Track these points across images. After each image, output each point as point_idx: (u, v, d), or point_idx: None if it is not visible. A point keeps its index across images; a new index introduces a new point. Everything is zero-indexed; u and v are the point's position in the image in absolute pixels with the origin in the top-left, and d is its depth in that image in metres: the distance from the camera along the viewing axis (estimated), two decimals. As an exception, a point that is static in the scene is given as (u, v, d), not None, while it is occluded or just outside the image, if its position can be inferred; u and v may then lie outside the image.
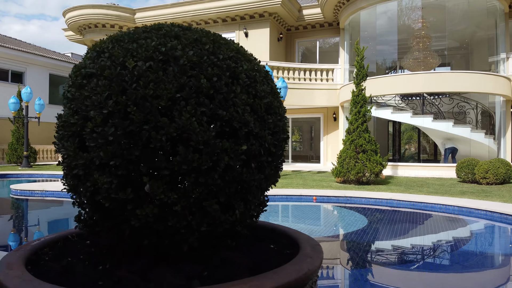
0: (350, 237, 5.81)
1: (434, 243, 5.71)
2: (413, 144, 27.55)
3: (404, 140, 26.40)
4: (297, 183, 10.84)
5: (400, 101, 16.49)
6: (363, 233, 5.92)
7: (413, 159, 22.70)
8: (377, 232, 6.09)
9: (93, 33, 20.11)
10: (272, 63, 16.57)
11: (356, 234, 5.88)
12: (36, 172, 15.27)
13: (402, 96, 16.61)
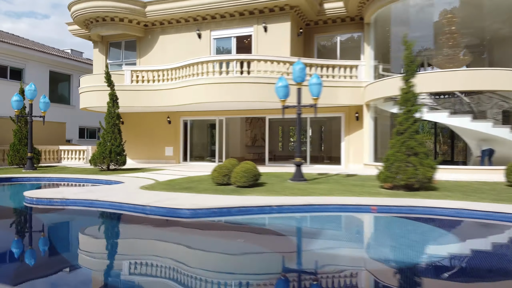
0: (471, 266, 4.84)
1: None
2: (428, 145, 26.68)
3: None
4: (338, 189, 9.87)
5: (432, 100, 15.61)
6: (478, 259, 4.95)
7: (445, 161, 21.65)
8: (497, 257, 5.13)
9: (100, 27, 18.97)
10: (290, 58, 15.59)
11: (471, 260, 4.92)
12: (43, 175, 14.13)
13: (431, 95, 15.74)
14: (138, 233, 6.61)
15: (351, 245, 5.44)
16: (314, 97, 11.39)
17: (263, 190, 9.52)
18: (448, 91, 14.24)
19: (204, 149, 21.87)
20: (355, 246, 5.28)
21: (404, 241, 5.93)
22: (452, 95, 14.74)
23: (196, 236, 6.34)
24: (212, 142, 21.25)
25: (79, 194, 8.68)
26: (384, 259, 4.88)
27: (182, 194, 8.72)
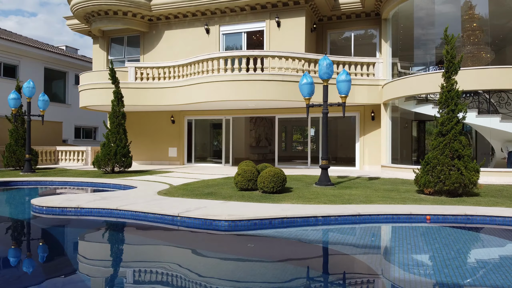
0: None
1: None
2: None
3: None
4: (375, 196, 9.12)
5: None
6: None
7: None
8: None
9: (102, 21, 17.96)
10: (308, 55, 14.81)
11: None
12: (43, 179, 13.14)
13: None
14: (173, 251, 5.73)
15: (440, 267, 4.63)
16: (342, 95, 10.61)
17: (294, 196, 8.72)
18: (475, 90, 13.53)
19: (210, 150, 20.97)
20: (448, 271, 4.45)
21: (496, 261, 5.17)
22: (476, 94, 14.07)
23: (240, 254, 5.50)
24: (218, 143, 20.37)
25: (95, 202, 7.77)
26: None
27: (209, 202, 7.86)
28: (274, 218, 6.40)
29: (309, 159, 17.80)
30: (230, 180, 12.03)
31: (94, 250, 5.78)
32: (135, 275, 4.50)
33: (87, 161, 19.58)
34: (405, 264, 4.84)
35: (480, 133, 14.77)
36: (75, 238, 6.57)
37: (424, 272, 4.49)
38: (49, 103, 15.76)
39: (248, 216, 6.33)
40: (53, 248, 5.83)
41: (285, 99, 14.62)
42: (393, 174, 14.01)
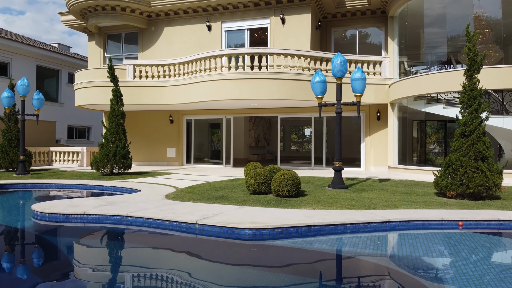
0: None
1: None
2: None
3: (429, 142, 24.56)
4: (395, 199, 8.70)
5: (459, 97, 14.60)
6: None
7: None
8: None
9: (99, 17, 17.32)
10: (314, 52, 14.39)
11: None
12: (39, 181, 12.50)
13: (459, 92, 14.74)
14: (195, 264, 5.20)
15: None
16: (357, 94, 10.18)
17: (312, 200, 8.25)
18: (496, 89, 13.17)
19: (209, 151, 20.43)
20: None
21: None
22: (486, 94, 13.74)
23: (270, 268, 5.01)
24: (217, 143, 19.84)
25: (101, 208, 7.22)
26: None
27: (225, 207, 7.36)
28: (301, 226, 5.93)
29: (313, 160, 17.37)
30: (237, 183, 11.54)
31: (107, 263, 5.25)
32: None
33: (82, 162, 18.91)
34: (472, 280, 4.39)
35: (490, 133, 14.47)
36: (85, 249, 6.01)
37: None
38: (44, 102, 15.08)
39: (272, 224, 5.85)
40: (62, 262, 5.28)
41: (291, 98, 14.17)
42: (402, 176, 13.63)
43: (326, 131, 17.27)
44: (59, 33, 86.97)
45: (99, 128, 29.03)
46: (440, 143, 17.06)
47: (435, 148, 17.13)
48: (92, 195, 10.86)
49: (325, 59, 14.71)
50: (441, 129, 17.25)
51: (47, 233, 6.80)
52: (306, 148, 26.23)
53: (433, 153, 17.04)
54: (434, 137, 17.10)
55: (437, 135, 16.99)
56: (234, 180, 12.17)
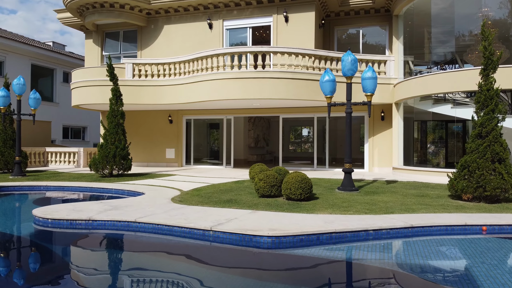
0: None
1: None
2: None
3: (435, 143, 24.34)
4: (411, 203, 8.43)
5: (466, 97, 14.43)
6: None
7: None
8: None
9: (97, 14, 16.88)
10: (319, 51, 14.09)
11: None
12: (36, 184, 12.05)
13: (466, 92, 14.56)
14: (214, 277, 4.87)
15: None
16: (368, 94, 9.90)
17: (325, 204, 7.95)
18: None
19: (208, 152, 20.07)
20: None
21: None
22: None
23: (296, 281, 4.69)
24: (217, 144, 19.48)
25: (107, 213, 6.85)
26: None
27: (237, 212, 7.02)
28: (322, 233, 5.62)
29: (315, 161, 17.07)
30: (242, 185, 11.21)
31: (117, 273, 4.90)
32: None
33: (79, 163, 18.46)
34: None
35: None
36: (92, 259, 5.64)
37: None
38: (40, 101, 14.63)
39: (292, 231, 5.53)
40: (68, 273, 4.92)
41: (296, 98, 13.86)
42: (408, 177, 13.38)
43: (328, 131, 16.98)
44: (51, 32, 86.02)
45: (95, 128, 28.54)
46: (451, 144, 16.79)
47: (437, 148, 16.90)
48: (94, 198, 10.48)
49: (329, 58, 14.43)
50: (441, 129, 17.02)
51: (50, 240, 6.42)
52: (305, 148, 25.96)
53: (433, 154, 16.80)
54: (441, 138, 16.87)
55: (444, 136, 16.75)
56: (238, 182, 11.84)
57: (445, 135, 16.59)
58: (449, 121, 16.15)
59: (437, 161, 15.93)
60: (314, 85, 13.86)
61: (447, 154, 16.26)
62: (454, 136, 16.97)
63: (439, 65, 16.94)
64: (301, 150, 26.23)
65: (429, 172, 13.22)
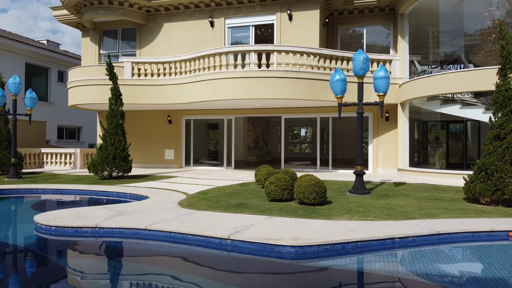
0: None
1: None
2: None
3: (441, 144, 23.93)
4: (428, 207, 8.14)
5: (474, 97, 14.20)
6: None
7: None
8: None
9: (95, 12, 16.44)
10: (324, 50, 13.78)
11: None
12: (33, 186, 11.62)
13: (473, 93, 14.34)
14: None
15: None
16: (380, 94, 9.60)
17: (341, 209, 7.63)
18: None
19: (208, 152, 19.68)
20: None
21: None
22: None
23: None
24: (218, 144, 19.09)
25: (113, 219, 6.47)
26: None
27: (251, 218, 6.67)
28: (347, 242, 5.29)
29: (318, 162, 16.75)
30: (248, 187, 10.86)
31: (132, 287, 4.53)
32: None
33: (75, 164, 17.98)
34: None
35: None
36: (101, 270, 5.26)
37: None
38: (37, 101, 14.17)
39: (316, 240, 5.20)
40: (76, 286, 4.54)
41: (300, 98, 13.54)
42: (415, 179, 13.13)
43: (332, 132, 16.67)
44: (42, 31, 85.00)
45: (90, 128, 28.02)
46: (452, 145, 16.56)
47: (441, 149, 16.66)
48: (95, 202, 10.07)
49: (335, 57, 14.12)
50: (443, 130, 16.79)
51: (54, 250, 6.02)
52: (304, 149, 25.65)
53: (437, 155, 16.56)
54: (442, 139, 16.63)
55: (446, 136, 16.52)
56: (244, 185, 11.48)
57: (447, 135, 16.36)
58: (450, 121, 15.92)
59: (441, 162, 15.68)
60: (319, 85, 13.57)
61: (448, 155, 16.03)
62: (456, 136, 16.76)
63: (444, 65, 16.70)
64: (301, 150, 25.92)
65: (436, 174, 12.94)
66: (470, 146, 16.49)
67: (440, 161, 15.69)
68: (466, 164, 13.47)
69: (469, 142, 17.00)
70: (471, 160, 13.63)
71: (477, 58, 15.16)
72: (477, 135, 16.60)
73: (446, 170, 12.79)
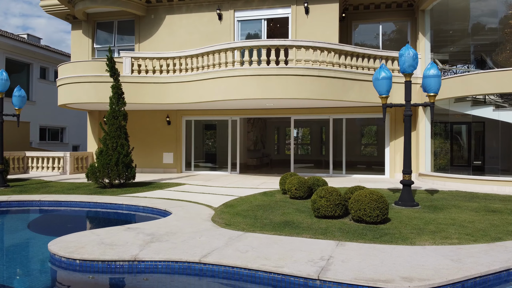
0: None
1: None
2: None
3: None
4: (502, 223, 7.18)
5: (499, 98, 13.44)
6: None
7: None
8: None
9: (88, 2, 14.91)
10: (347, 47, 12.74)
11: None
12: (27, 198, 10.06)
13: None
14: None
15: None
16: (431, 94, 8.60)
17: (410, 229, 6.56)
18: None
19: (210, 156, 18.36)
20: None
21: None
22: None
23: None
24: (220, 147, 17.78)
25: (150, 247, 5.19)
26: None
27: (319, 244, 5.51)
28: (466, 279, 4.20)
29: (331, 166, 15.71)
30: (275, 198, 9.69)
31: None
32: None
33: (65, 169, 16.35)
34: None
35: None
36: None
37: None
38: (26, 99, 12.61)
39: (435, 281, 4.09)
40: None
41: (321, 98, 12.47)
42: (443, 185, 12.27)
43: (345, 134, 15.67)
44: (12, 27, 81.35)
45: (74, 128, 26.25)
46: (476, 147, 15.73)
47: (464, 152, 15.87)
48: (108, 220, 8.71)
49: (355, 54, 13.09)
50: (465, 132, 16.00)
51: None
52: (304, 151, 24.59)
53: (461, 158, 15.79)
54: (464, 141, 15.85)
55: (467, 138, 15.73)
56: (267, 195, 10.30)
57: (468, 137, 15.57)
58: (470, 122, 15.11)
59: (467, 167, 14.78)
60: (340, 84, 12.54)
61: (470, 158, 15.25)
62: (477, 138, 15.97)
63: (466, 64, 15.94)
64: (307, 153, 24.68)
65: (466, 180, 12.07)
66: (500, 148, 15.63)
67: (466, 166, 14.87)
68: (500, 169, 12.67)
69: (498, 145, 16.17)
70: (503, 165, 12.85)
71: (500, 58, 14.45)
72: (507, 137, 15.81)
73: (480, 176, 11.96)
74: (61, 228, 7.95)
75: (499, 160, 13.13)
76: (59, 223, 8.62)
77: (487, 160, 14.83)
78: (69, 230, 7.70)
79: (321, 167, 16.98)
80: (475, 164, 15.01)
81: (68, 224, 8.40)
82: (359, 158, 17.05)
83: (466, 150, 15.48)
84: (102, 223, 8.57)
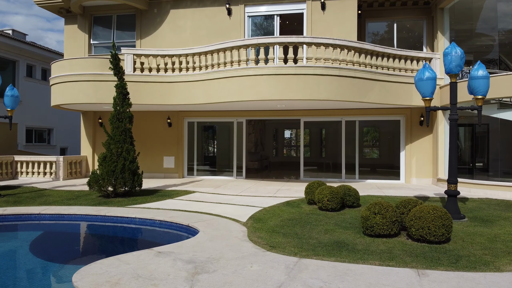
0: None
1: None
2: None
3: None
4: None
5: None
6: None
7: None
8: None
9: (86, -7, 13.78)
10: (369, 46, 11.99)
11: None
12: (25, 211, 8.93)
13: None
14: None
15: None
16: (479, 96, 7.88)
17: (481, 248, 5.80)
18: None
19: (213, 160, 17.39)
20: None
21: None
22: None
23: None
24: (224, 150, 16.83)
25: (199, 281, 4.27)
26: None
27: (401, 277, 4.68)
28: None
29: (344, 170, 14.96)
30: (303, 210, 8.86)
31: None
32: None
33: (58, 175, 15.16)
34: None
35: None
36: None
37: None
38: (19, 99, 11.46)
39: None
40: None
41: (341, 99, 11.69)
42: (468, 192, 11.66)
43: (358, 137, 14.94)
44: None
45: (62, 130, 24.92)
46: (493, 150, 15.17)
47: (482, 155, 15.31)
48: (120, 236, 7.72)
49: (375, 53, 12.35)
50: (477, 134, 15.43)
51: None
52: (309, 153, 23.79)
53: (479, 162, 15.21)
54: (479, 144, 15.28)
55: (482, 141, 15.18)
56: (291, 205, 9.44)
57: (488, 140, 14.98)
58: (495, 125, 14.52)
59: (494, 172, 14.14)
60: (360, 84, 11.82)
61: (498, 163, 14.67)
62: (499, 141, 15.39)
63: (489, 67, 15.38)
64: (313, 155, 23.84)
65: (496, 187, 11.47)
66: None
67: (492, 170, 14.27)
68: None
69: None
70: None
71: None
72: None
73: (498, 181, 11.40)
74: (72, 250, 6.93)
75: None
76: (68, 243, 7.58)
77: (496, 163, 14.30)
78: (83, 253, 6.72)
79: (330, 171, 16.24)
80: (503, 170, 14.43)
81: (78, 245, 7.38)
82: (372, 161, 16.35)
83: (487, 153, 14.90)
84: (121, 244, 7.57)
